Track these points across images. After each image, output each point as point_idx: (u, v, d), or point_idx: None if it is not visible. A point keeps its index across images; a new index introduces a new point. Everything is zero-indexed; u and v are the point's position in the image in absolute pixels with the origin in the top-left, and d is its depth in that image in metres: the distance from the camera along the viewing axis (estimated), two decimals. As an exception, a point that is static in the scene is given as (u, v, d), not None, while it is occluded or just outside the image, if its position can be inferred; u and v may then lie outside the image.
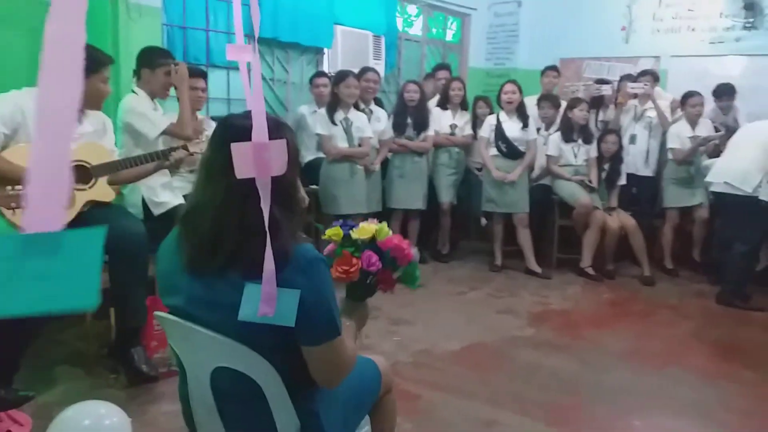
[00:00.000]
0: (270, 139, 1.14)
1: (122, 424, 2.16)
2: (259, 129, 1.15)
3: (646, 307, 4.28)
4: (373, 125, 4.57)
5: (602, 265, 4.92)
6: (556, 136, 4.95)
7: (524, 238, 4.88)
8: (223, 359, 1.36)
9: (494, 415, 2.69)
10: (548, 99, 5.20)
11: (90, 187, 2.63)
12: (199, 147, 2.87)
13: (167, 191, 3.25)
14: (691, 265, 5.07)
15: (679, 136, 4.94)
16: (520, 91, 4.82)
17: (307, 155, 4.86)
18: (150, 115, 3.14)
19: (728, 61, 5.95)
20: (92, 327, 2.89)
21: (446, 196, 5.07)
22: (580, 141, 4.92)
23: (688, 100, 4.93)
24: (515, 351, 3.38)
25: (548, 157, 4.99)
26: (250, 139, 1.14)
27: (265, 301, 1.19)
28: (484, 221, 5.40)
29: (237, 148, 1.13)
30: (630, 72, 5.60)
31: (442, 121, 5.10)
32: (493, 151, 4.89)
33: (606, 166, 4.99)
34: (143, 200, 3.20)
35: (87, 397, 2.46)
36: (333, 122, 4.38)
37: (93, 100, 2.65)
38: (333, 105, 4.40)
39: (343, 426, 1.57)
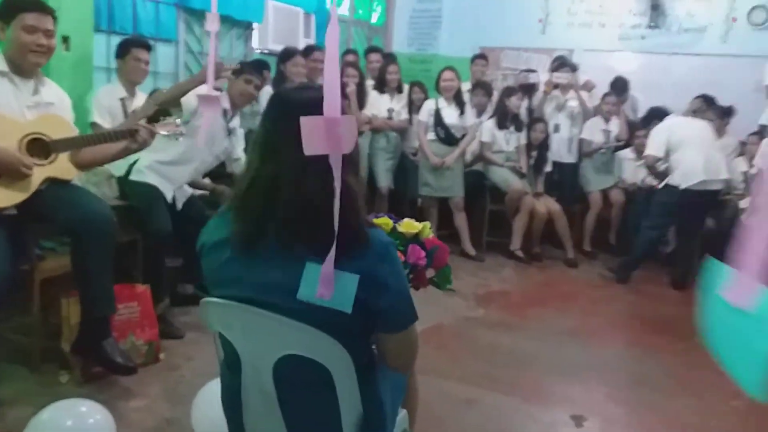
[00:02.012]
0: (318, 112, 1.09)
1: (106, 420, 2.00)
2: (332, 102, 1.11)
3: (576, 287, 4.56)
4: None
5: (529, 247, 5.16)
6: (490, 123, 5.10)
7: (460, 221, 5.01)
8: (293, 346, 1.28)
9: (471, 393, 2.76)
10: (482, 86, 5.33)
11: (50, 163, 2.35)
12: (168, 128, 2.65)
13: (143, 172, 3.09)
14: (606, 248, 5.45)
15: (592, 129, 5.37)
16: (459, 78, 4.91)
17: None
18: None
19: (634, 57, 6.41)
20: (37, 319, 2.60)
21: (384, 181, 5.07)
22: (512, 128, 5.11)
23: (604, 98, 5.34)
24: (473, 331, 3.48)
25: (482, 143, 5.14)
26: (308, 113, 1.09)
27: (323, 282, 1.16)
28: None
29: (307, 123, 1.08)
30: (545, 63, 5.92)
31: (379, 104, 5.08)
32: (431, 136, 4.95)
33: (534, 153, 5.21)
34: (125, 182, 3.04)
35: (41, 397, 2.24)
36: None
37: (17, 54, 2.36)
38: (279, 84, 4.24)
39: (392, 409, 1.54)
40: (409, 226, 1.63)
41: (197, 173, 3.46)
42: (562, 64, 5.56)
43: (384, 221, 1.57)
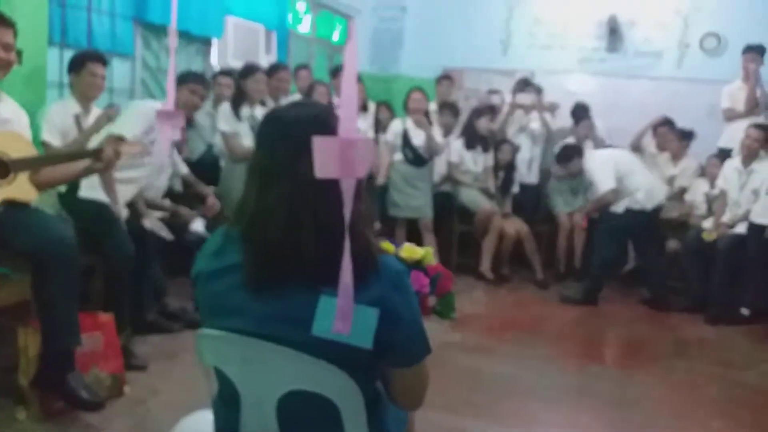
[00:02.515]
0: (318, 132, 1.02)
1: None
2: (349, 122, 1.03)
3: (548, 309, 4.53)
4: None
5: (498, 269, 5.12)
6: (458, 144, 5.09)
7: (429, 242, 4.93)
8: (301, 381, 1.18)
9: (457, 423, 2.67)
10: (448, 107, 5.31)
11: (8, 183, 2.16)
12: (135, 147, 2.50)
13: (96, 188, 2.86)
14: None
15: None
16: (427, 99, 4.88)
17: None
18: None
19: (593, 79, 6.55)
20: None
21: (352, 201, 4.95)
22: (479, 149, 5.10)
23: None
24: (453, 357, 3.39)
25: (450, 164, 5.11)
26: (310, 132, 1.03)
27: (340, 316, 1.05)
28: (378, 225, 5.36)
29: (320, 144, 1.00)
30: (506, 84, 5.97)
31: (346, 123, 4.98)
32: (399, 157, 4.89)
33: (501, 174, 5.22)
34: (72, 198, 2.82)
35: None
36: (238, 118, 4.07)
37: None
38: (238, 100, 4.09)
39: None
40: (410, 251, 1.55)
41: (140, 193, 3.36)
42: (525, 85, 5.61)
43: (386, 246, 1.47)
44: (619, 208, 4.52)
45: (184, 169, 3.93)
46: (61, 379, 2.25)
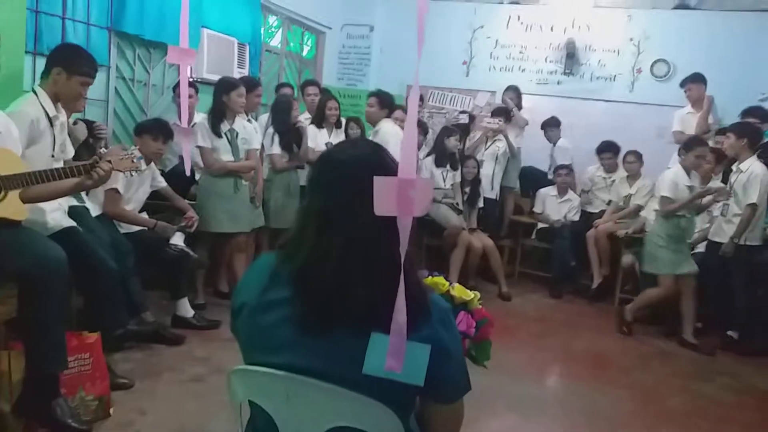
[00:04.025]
0: (375, 173, 1.04)
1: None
2: (408, 163, 1.06)
3: (516, 321, 4.67)
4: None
5: (465, 281, 5.25)
6: (429, 161, 5.20)
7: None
8: (346, 417, 1.19)
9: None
10: (418, 125, 5.41)
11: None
12: (126, 164, 2.47)
13: (57, 212, 2.74)
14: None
15: None
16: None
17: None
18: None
19: (551, 100, 6.81)
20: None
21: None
22: (448, 166, 5.23)
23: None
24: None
25: (421, 180, 5.21)
26: (368, 173, 1.05)
27: (392, 354, 1.07)
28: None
29: (380, 183, 1.03)
30: (468, 103, 6.17)
31: (318, 139, 5.01)
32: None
33: (467, 190, 5.37)
34: None
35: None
36: (218, 134, 4.06)
37: None
38: (219, 115, 4.07)
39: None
40: (461, 291, 1.58)
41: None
42: (498, 112, 5.81)
43: (440, 281, 1.52)
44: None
45: (162, 183, 3.88)
46: (45, 406, 2.18)
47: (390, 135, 4.67)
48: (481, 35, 7.03)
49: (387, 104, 4.97)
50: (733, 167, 4.39)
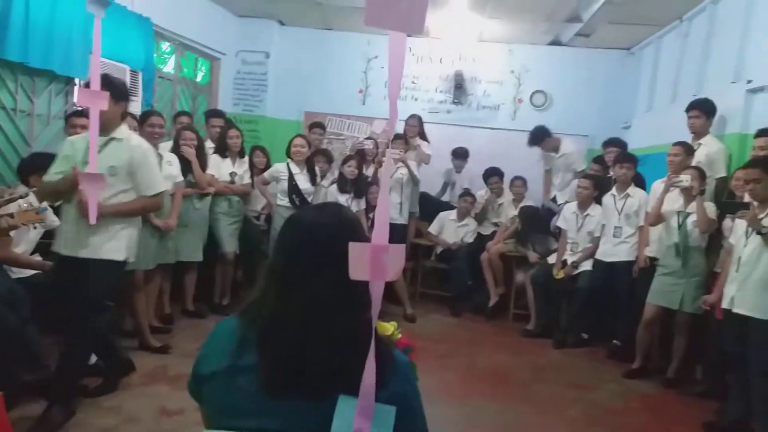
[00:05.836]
0: (343, 238, 1.09)
1: None
2: (382, 230, 1.09)
3: (422, 343, 4.83)
4: (165, 170, 4.17)
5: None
6: (333, 189, 5.30)
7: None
8: None
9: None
10: (323, 153, 5.52)
11: None
12: (28, 217, 2.35)
13: None
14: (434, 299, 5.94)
15: None
16: (309, 145, 5.05)
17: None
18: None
19: (441, 128, 7.16)
20: None
21: (230, 246, 4.93)
22: (352, 193, 5.36)
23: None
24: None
25: (326, 208, 5.30)
26: (338, 238, 1.12)
27: (360, 415, 1.09)
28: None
29: (354, 248, 1.05)
30: (365, 129, 6.40)
31: (221, 168, 4.96)
32: (285, 202, 4.99)
33: (371, 216, 5.52)
34: None
35: None
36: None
37: None
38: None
39: None
40: (382, 327, 1.63)
41: None
42: (397, 139, 6.00)
43: (391, 326, 1.57)
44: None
45: (55, 222, 3.63)
46: None
47: None
48: (376, 65, 7.28)
49: None
50: (614, 192, 4.84)
